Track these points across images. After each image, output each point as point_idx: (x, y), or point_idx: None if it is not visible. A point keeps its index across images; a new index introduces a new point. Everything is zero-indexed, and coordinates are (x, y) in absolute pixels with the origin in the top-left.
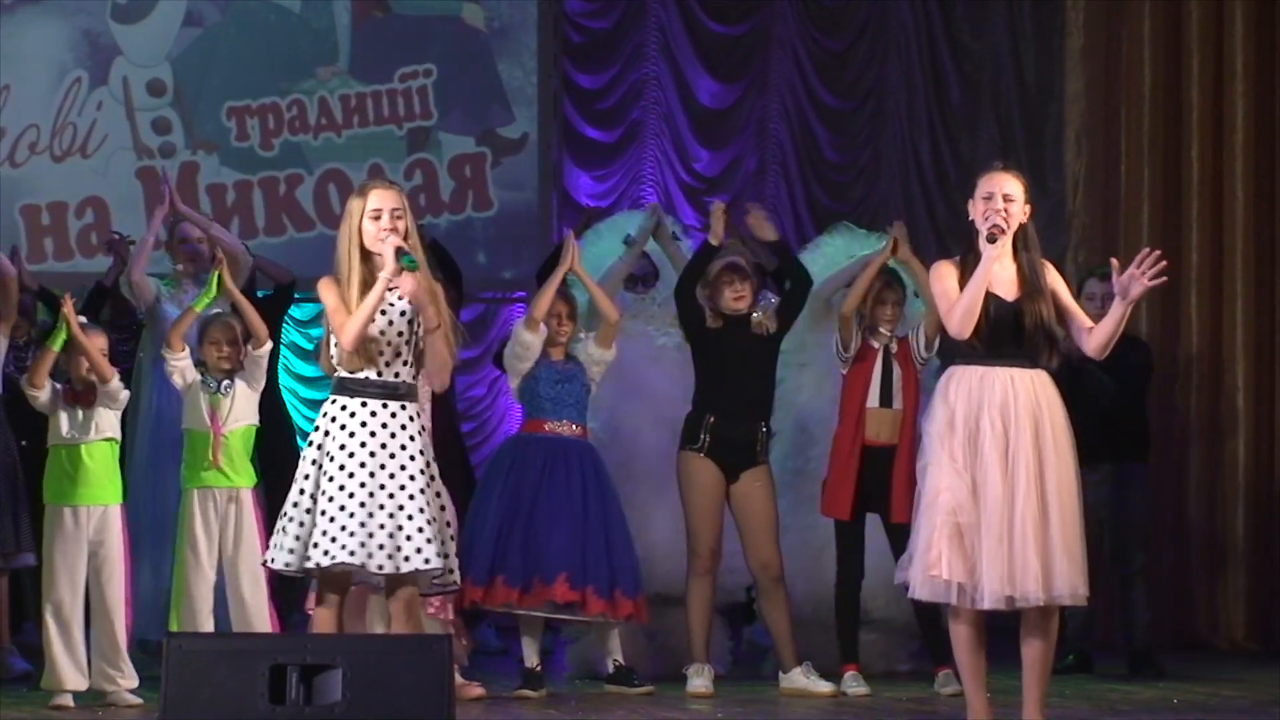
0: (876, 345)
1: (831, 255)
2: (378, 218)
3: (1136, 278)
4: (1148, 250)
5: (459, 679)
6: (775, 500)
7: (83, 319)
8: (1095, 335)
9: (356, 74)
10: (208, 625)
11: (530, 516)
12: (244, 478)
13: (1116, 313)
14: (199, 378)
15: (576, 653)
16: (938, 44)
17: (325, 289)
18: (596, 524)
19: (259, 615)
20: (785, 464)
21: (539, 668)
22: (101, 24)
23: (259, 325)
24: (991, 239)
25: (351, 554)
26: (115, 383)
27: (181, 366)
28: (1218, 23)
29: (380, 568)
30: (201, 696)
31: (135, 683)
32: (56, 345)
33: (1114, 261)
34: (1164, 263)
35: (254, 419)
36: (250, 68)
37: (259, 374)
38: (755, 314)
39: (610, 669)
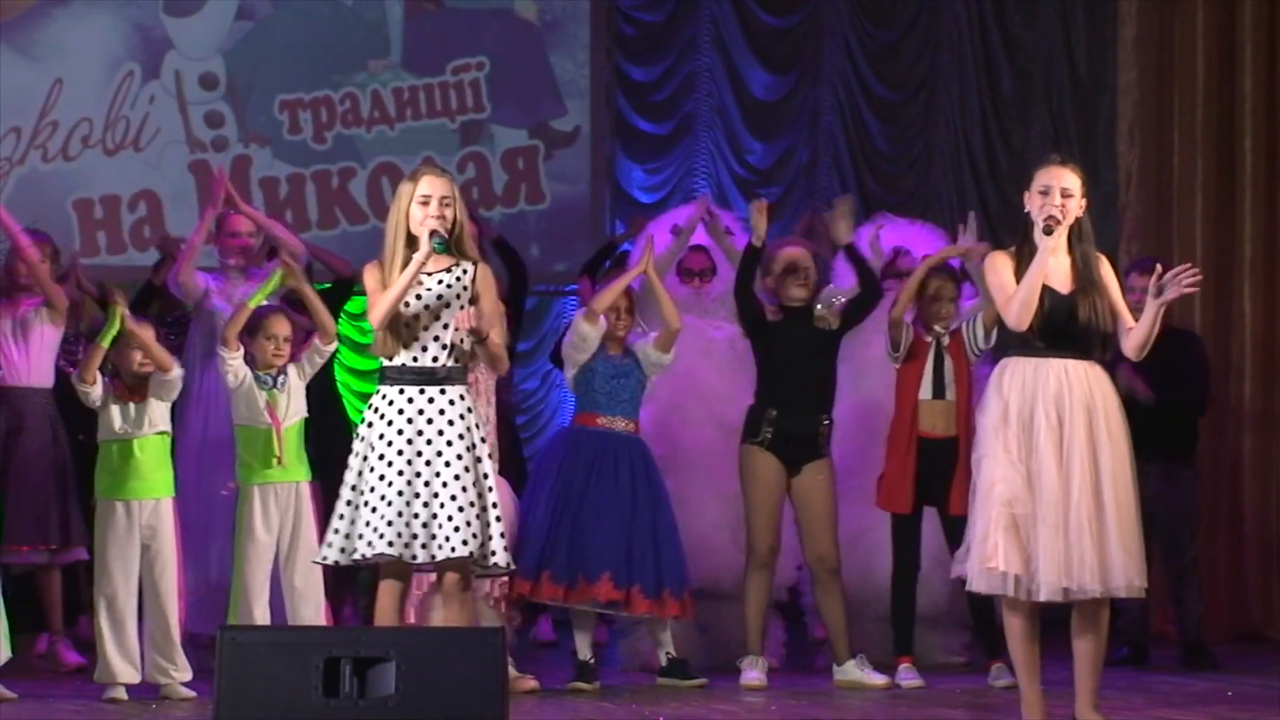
0: (929, 340)
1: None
2: (426, 203)
3: (1172, 282)
4: (1189, 266)
5: (513, 671)
6: (835, 493)
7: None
8: (1133, 335)
9: (409, 67)
10: (264, 619)
11: (578, 513)
12: (301, 471)
13: (1150, 313)
14: (250, 374)
15: (629, 646)
16: (990, 35)
17: (368, 272)
18: (644, 522)
19: (314, 609)
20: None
21: (592, 660)
22: (154, 17)
23: (328, 320)
24: (1048, 231)
25: (390, 544)
26: (176, 371)
27: (235, 365)
28: (1271, 12)
29: (415, 558)
30: (255, 689)
31: (189, 675)
32: (106, 341)
33: (1158, 266)
34: (1199, 275)
35: (304, 411)
36: (302, 61)
37: (313, 369)
38: (818, 307)
39: (663, 662)
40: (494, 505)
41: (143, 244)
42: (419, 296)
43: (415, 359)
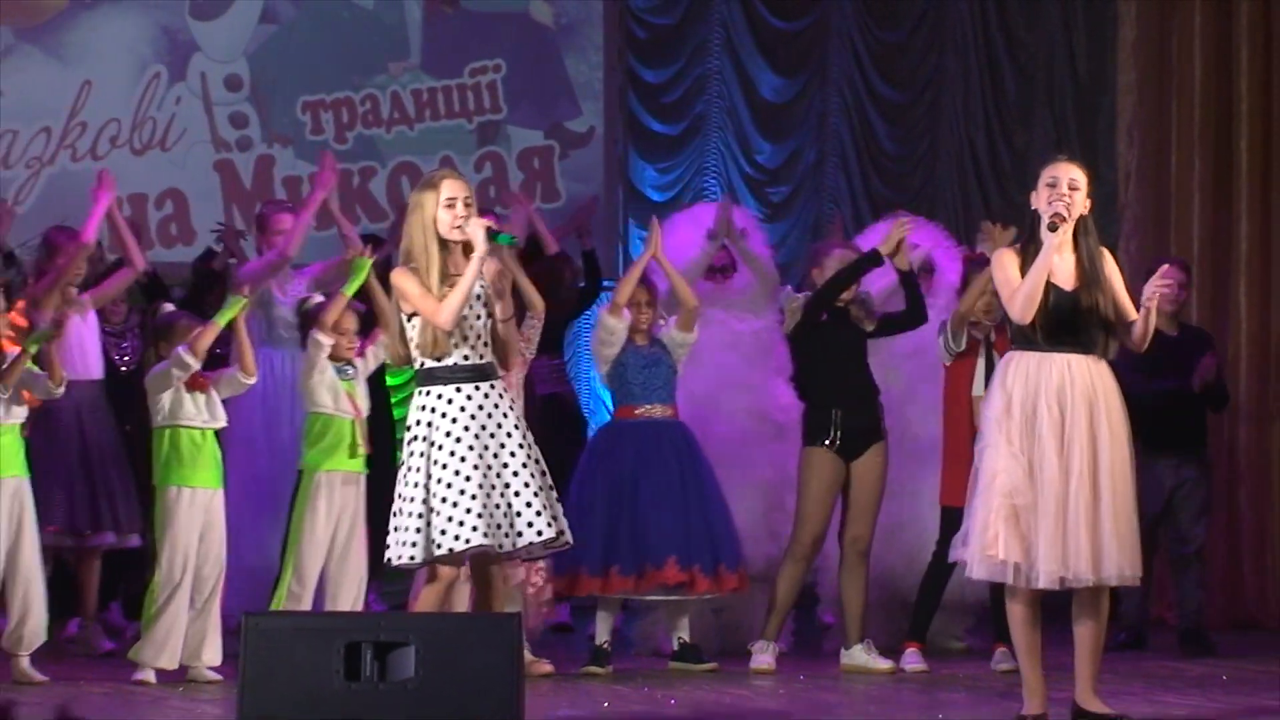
0: (979, 336)
1: (876, 238)
2: (452, 205)
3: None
4: (1167, 266)
5: (528, 656)
6: (886, 475)
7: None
8: (1134, 330)
9: (427, 69)
10: (309, 604)
11: (634, 505)
12: (365, 463)
13: (1143, 314)
14: (330, 365)
15: (642, 630)
16: (993, 37)
17: (406, 279)
18: (695, 503)
19: (354, 600)
20: None
21: (608, 645)
22: (180, 20)
23: (389, 314)
24: (1053, 227)
25: (485, 536)
26: (253, 379)
27: (329, 348)
28: (1266, 15)
29: (500, 546)
30: (279, 673)
31: (219, 660)
32: (223, 321)
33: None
34: (1169, 284)
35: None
36: (324, 63)
37: (378, 363)
38: (854, 306)
39: (675, 646)
40: (553, 487)
41: (169, 241)
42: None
43: (466, 357)
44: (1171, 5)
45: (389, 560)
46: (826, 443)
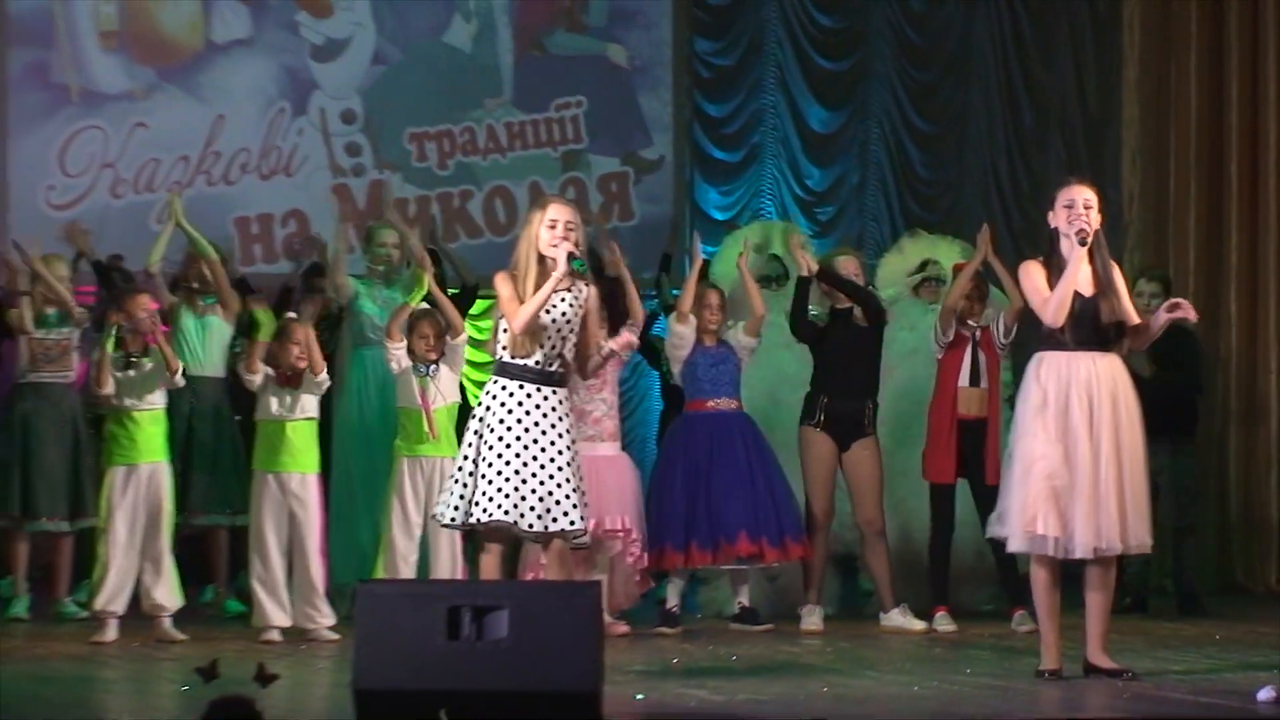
0: (967, 334)
1: (911, 254)
2: (553, 226)
3: (1183, 311)
4: (1176, 301)
5: (607, 619)
6: (881, 466)
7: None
8: (1142, 334)
9: (518, 104)
10: (410, 573)
11: (708, 488)
12: (449, 448)
13: (1161, 323)
14: (409, 364)
15: (706, 596)
16: (1013, 76)
17: (501, 282)
18: (762, 484)
19: (454, 565)
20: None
21: (677, 609)
22: (302, 62)
23: (457, 318)
24: (1083, 242)
25: (506, 514)
26: (323, 375)
27: (399, 354)
28: (1254, 57)
29: (530, 527)
30: (389, 633)
31: (333, 620)
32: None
33: (1181, 302)
34: (1184, 314)
35: (456, 397)
36: (428, 99)
37: (458, 359)
38: (856, 308)
39: (735, 610)
40: (585, 492)
41: (293, 255)
42: (548, 311)
43: (538, 362)
44: (1170, 48)
45: (435, 515)
46: (814, 423)
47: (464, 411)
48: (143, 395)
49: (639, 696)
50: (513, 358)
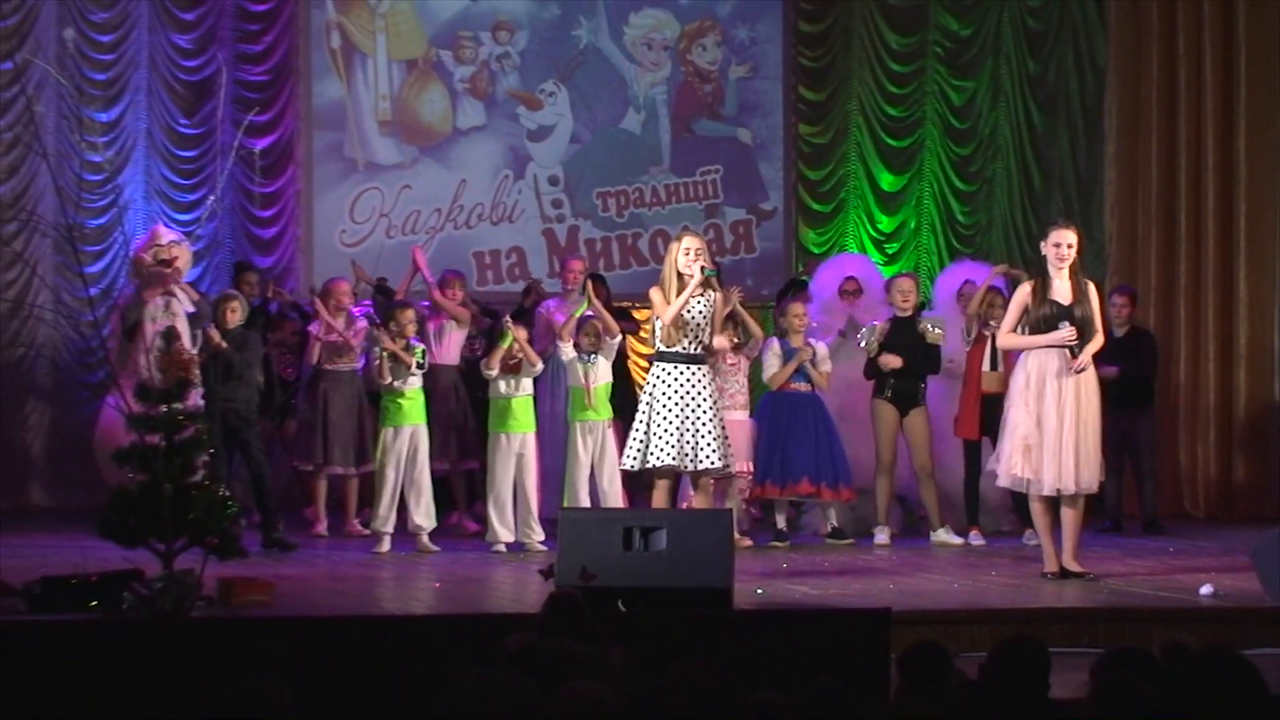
0: (987, 333)
1: (954, 276)
2: (688, 253)
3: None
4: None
5: (736, 535)
6: (931, 428)
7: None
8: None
9: (674, 171)
10: (585, 503)
11: (784, 445)
12: (605, 414)
13: (1091, 349)
14: (575, 355)
15: (808, 518)
16: (1026, 149)
17: (655, 294)
18: (824, 445)
19: (616, 497)
20: None
21: (785, 529)
22: (520, 142)
23: (612, 324)
24: (1074, 354)
25: (672, 459)
26: (539, 365)
27: (567, 350)
28: (1198, 136)
29: (685, 467)
30: (581, 545)
31: (542, 537)
32: (506, 343)
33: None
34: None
35: (609, 378)
36: (610, 168)
37: (611, 352)
38: (922, 324)
39: (828, 530)
40: (727, 437)
41: (514, 278)
42: (688, 311)
43: (685, 348)
44: (1138, 130)
45: (621, 465)
46: (885, 396)
47: (628, 389)
48: (405, 379)
49: (759, 591)
50: (667, 347)
